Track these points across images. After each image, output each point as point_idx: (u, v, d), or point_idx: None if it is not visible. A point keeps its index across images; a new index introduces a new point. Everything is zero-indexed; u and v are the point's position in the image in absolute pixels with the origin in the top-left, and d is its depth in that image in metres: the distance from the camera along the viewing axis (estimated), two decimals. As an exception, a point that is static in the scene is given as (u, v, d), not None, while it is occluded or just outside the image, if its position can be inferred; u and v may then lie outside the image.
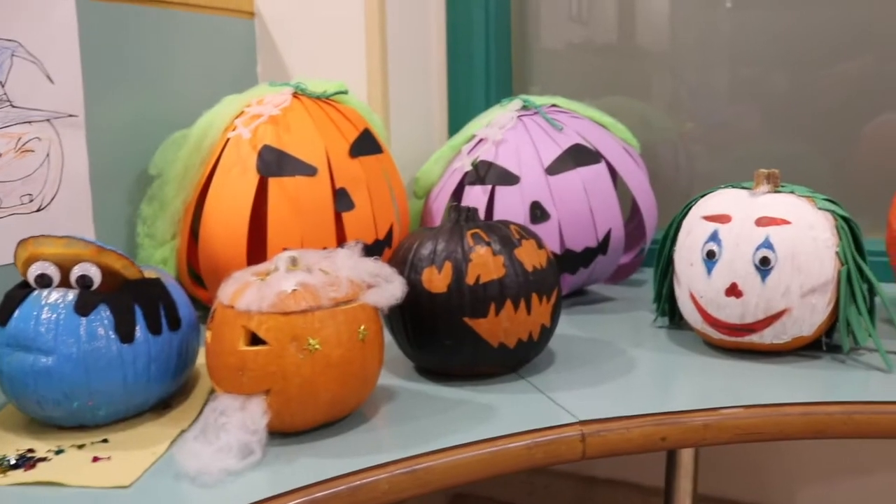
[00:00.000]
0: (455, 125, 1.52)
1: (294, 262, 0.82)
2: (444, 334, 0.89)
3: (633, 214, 1.33)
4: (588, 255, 1.17)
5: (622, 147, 1.24)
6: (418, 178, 1.30)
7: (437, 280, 0.89)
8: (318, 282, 0.79)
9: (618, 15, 1.56)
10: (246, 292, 0.78)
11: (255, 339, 0.77)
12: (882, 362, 0.95)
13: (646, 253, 1.33)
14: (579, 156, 1.17)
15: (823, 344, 1.00)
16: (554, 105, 1.27)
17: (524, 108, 1.25)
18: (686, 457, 1.26)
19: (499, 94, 1.51)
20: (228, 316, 0.79)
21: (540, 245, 0.93)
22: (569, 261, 1.16)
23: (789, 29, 1.44)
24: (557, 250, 1.15)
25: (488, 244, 0.89)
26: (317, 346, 0.77)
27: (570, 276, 1.18)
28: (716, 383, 0.93)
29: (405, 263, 0.91)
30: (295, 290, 0.78)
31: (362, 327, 0.80)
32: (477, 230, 0.91)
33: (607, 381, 0.93)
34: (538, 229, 1.13)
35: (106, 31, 1.12)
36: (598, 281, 1.26)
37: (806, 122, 1.45)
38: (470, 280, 0.88)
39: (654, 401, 0.87)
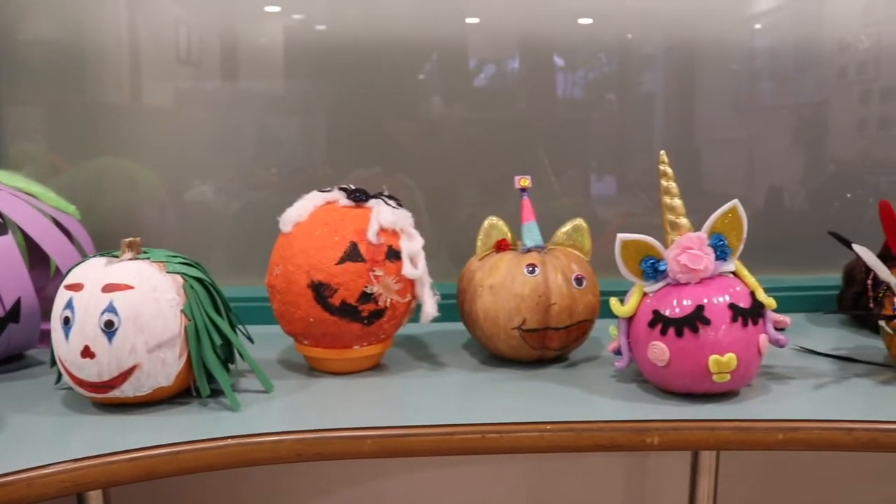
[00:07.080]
0: None
1: None
2: None
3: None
4: (-3, 325, 1.21)
5: (47, 215, 1.30)
6: None
7: None
8: None
9: (115, 73, 1.61)
10: None
11: None
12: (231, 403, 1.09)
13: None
14: (-16, 229, 1.20)
15: (193, 390, 1.12)
16: (-24, 178, 1.30)
17: (-58, 181, 1.27)
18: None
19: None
20: None
21: None
22: (-30, 331, 1.19)
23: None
24: (-37, 322, 1.18)
25: None
26: None
27: (-19, 345, 1.21)
28: (77, 439, 1.01)
29: None
30: None
31: None
32: None
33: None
34: (-61, 303, 1.16)
35: None
36: (29, 347, 1.30)
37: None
38: None
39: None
